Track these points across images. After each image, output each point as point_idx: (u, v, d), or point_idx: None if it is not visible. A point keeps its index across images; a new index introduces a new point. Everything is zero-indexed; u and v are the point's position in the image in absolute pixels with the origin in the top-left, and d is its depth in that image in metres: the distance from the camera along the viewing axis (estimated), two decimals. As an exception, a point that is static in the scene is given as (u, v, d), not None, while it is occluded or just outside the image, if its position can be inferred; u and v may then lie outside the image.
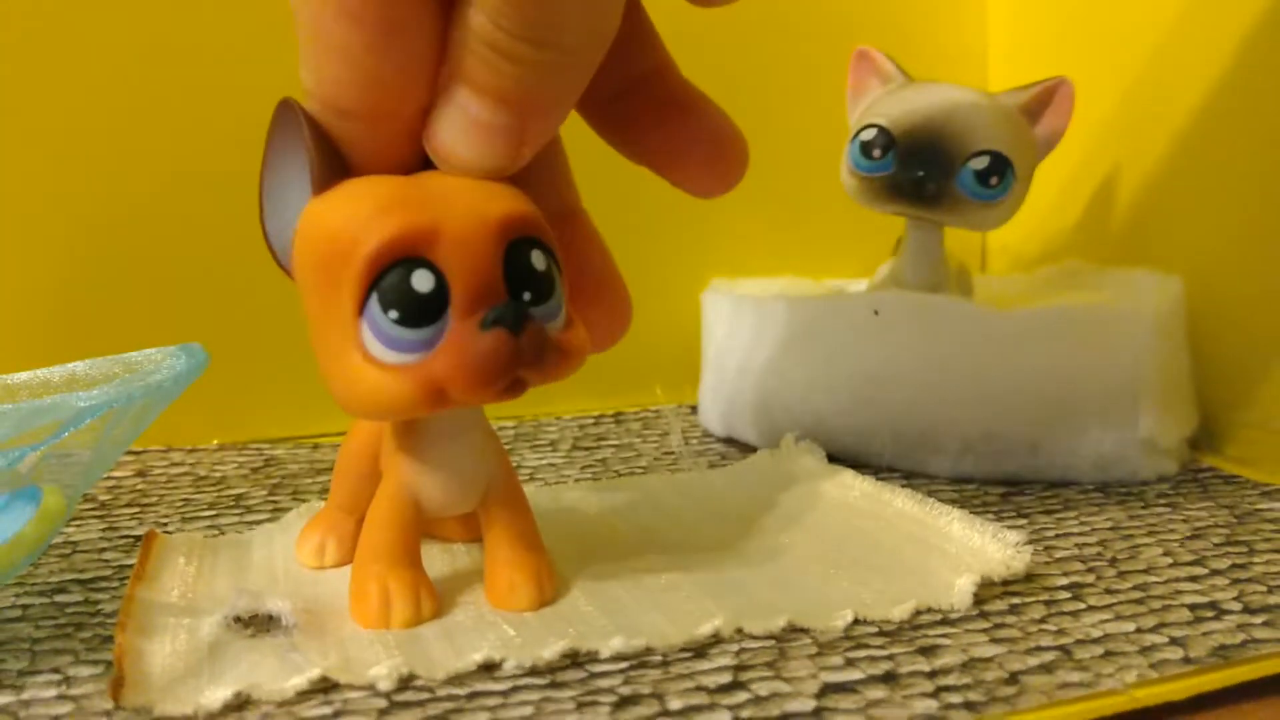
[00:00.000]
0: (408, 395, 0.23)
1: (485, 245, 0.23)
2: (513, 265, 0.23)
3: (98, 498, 0.36)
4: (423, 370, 0.23)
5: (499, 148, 0.24)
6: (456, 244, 0.23)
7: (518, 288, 0.24)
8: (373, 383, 0.23)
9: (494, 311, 0.23)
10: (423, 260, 0.23)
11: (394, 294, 0.23)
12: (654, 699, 0.23)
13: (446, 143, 0.24)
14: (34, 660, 0.24)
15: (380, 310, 0.23)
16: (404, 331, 0.23)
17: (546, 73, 0.23)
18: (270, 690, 0.22)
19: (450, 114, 0.24)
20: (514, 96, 0.23)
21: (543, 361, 0.23)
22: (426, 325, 0.23)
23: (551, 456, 0.41)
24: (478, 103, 0.23)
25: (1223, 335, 0.40)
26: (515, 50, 0.23)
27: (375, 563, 0.26)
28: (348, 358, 0.23)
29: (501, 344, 0.22)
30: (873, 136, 0.38)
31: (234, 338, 0.42)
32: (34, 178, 0.41)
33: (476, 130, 0.24)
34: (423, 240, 0.23)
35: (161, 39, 0.42)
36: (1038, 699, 0.23)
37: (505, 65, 0.23)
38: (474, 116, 0.23)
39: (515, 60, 0.23)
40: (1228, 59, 0.40)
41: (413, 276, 0.23)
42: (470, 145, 0.24)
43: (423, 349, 0.23)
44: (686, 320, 0.47)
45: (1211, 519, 0.33)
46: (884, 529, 0.32)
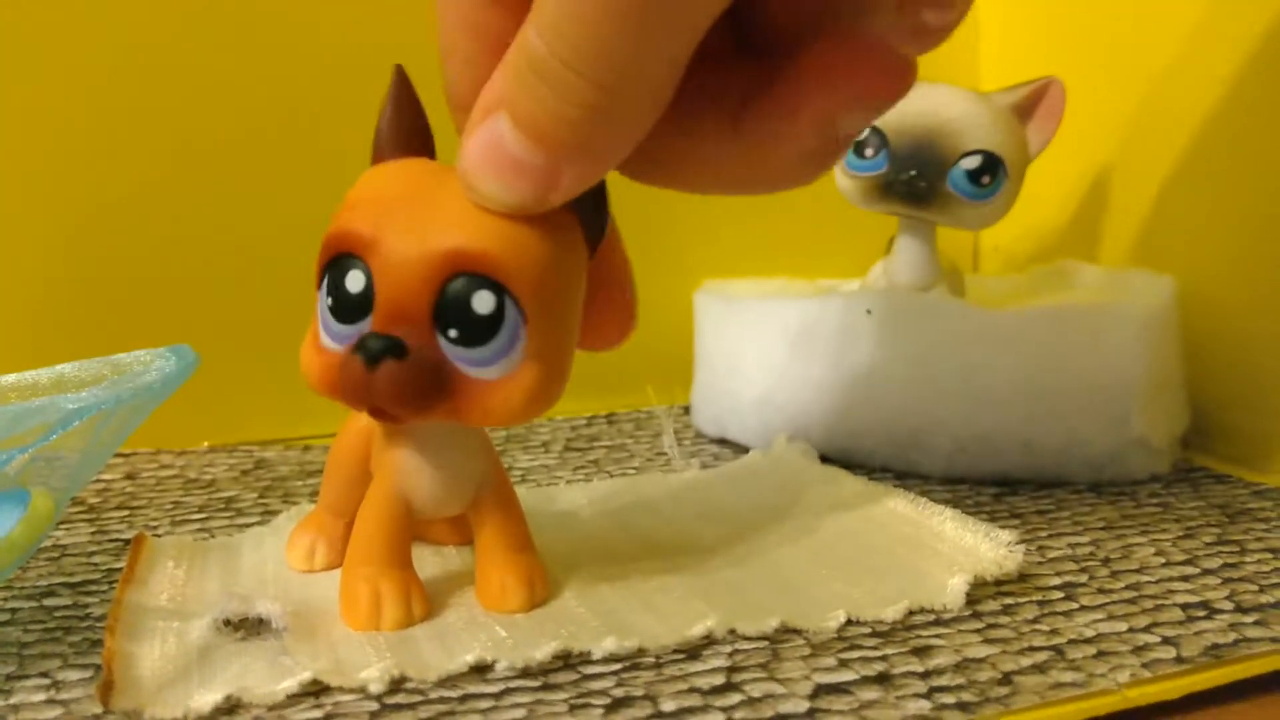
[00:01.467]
0: (316, 379, 0.24)
1: (414, 272, 0.23)
2: (448, 300, 0.23)
3: (87, 501, 0.36)
4: (330, 361, 0.24)
5: (525, 189, 0.22)
6: (388, 258, 0.23)
7: (445, 323, 0.23)
8: (309, 360, 0.25)
9: (367, 339, 0.23)
10: (360, 261, 0.23)
11: (333, 284, 0.24)
12: (647, 700, 0.22)
13: (472, 169, 0.22)
14: (22, 664, 0.24)
15: (325, 293, 0.24)
16: (333, 321, 0.24)
17: (593, 116, 0.21)
18: (260, 694, 0.22)
19: (485, 139, 0.22)
20: (552, 136, 0.21)
21: (403, 402, 0.23)
22: (350, 323, 0.24)
23: (544, 458, 0.41)
24: (514, 135, 0.22)
25: (1215, 334, 0.40)
26: (565, 82, 0.20)
27: (366, 564, 0.26)
28: (311, 331, 0.25)
29: (353, 372, 0.23)
30: (865, 136, 0.38)
31: (224, 339, 0.42)
32: (22, 179, 0.41)
33: (506, 166, 0.22)
34: (364, 244, 0.23)
35: (149, 40, 0.42)
36: (1031, 699, 0.23)
37: (551, 99, 0.21)
38: (507, 149, 0.22)
39: (563, 95, 0.20)
40: (1220, 58, 0.41)
41: (349, 274, 0.24)
42: (495, 181, 0.22)
43: (341, 342, 0.24)
44: (679, 321, 0.47)
45: (1204, 518, 0.33)
46: (876, 529, 0.32)
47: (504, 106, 0.22)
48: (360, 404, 0.24)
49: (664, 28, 0.20)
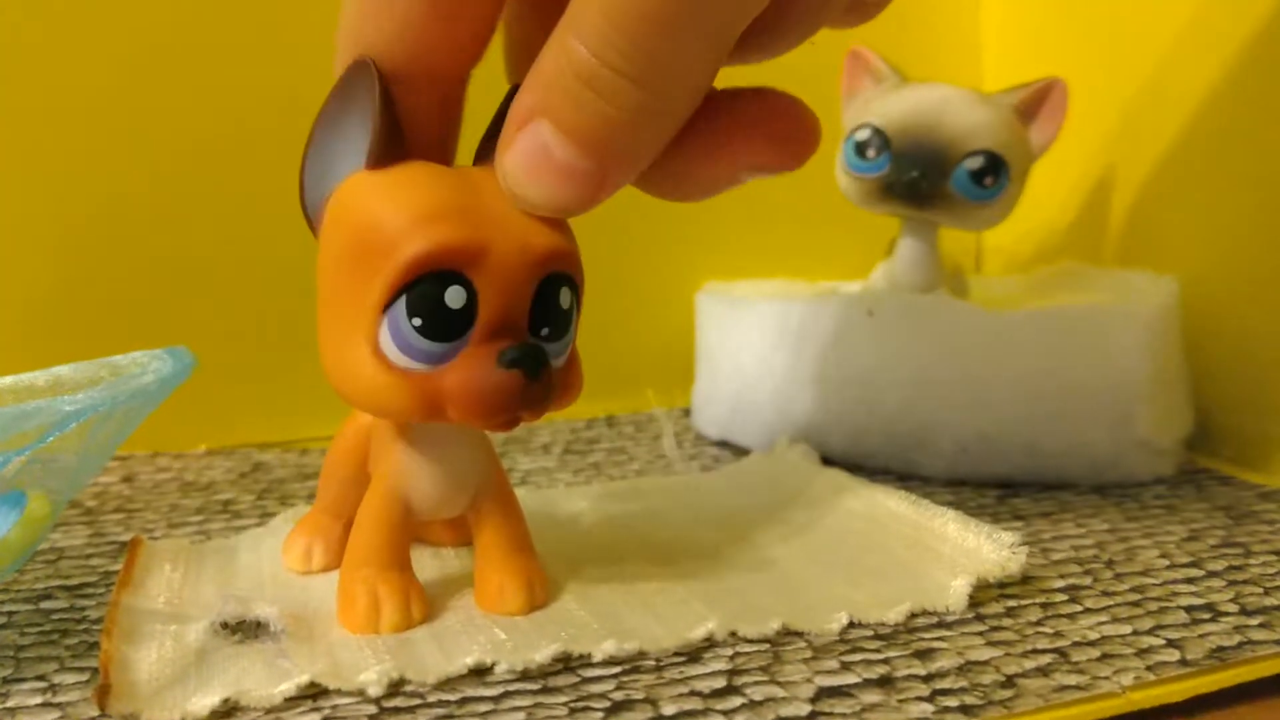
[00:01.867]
0: (406, 403, 0.23)
1: (523, 276, 0.23)
2: (541, 299, 0.23)
3: (84, 503, 0.36)
4: (429, 383, 0.23)
5: (575, 193, 0.23)
6: (498, 270, 0.23)
7: (539, 322, 0.23)
8: (374, 380, 0.23)
9: (517, 351, 0.23)
10: (461, 277, 0.22)
11: (424, 303, 0.22)
12: (647, 704, 0.22)
13: (519, 179, 0.23)
14: (19, 667, 0.24)
15: (405, 314, 0.22)
16: (423, 341, 0.23)
17: (640, 119, 0.22)
18: (258, 696, 0.22)
19: (527, 148, 0.22)
20: (601, 141, 0.22)
21: (548, 404, 0.24)
22: (448, 340, 0.23)
23: (544, 460, 0.41)
24: (560, 142, 0.22)
25: (1219, 336, 0.40)
26: (614, 88, 0.21)
27: (364, 566, 0.25)
28: (356, 348, 0.23)
29: (516, 385, 0.23)
30: (867, 137, 0.38)
31: (221, 341, 0.42)
32: (18, 181, 0.41)
33: (554, 172, 0.22)
34: (467, 258, 0.22)
35: (148, 42, 0.42)
36: (1034, 702, 0.23)
37: (599, 105, 0.21)
38: (553, 156, 0.22)
39: (611, 100, 0.21)
40: (1223, 59, 0.40)
41: (447, 291, 0.22)
42: (545, 187, 0.22)
43: (435, 361, 0.23)
44: (680, 323, 0.47)
45: (1208, 521, 0.33)
46: (878, 531, 0.31)
47: (545, 116, 0.22)
48: (505, 416, 0.23)
49: (708, 31, 0.21)
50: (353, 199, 0.23)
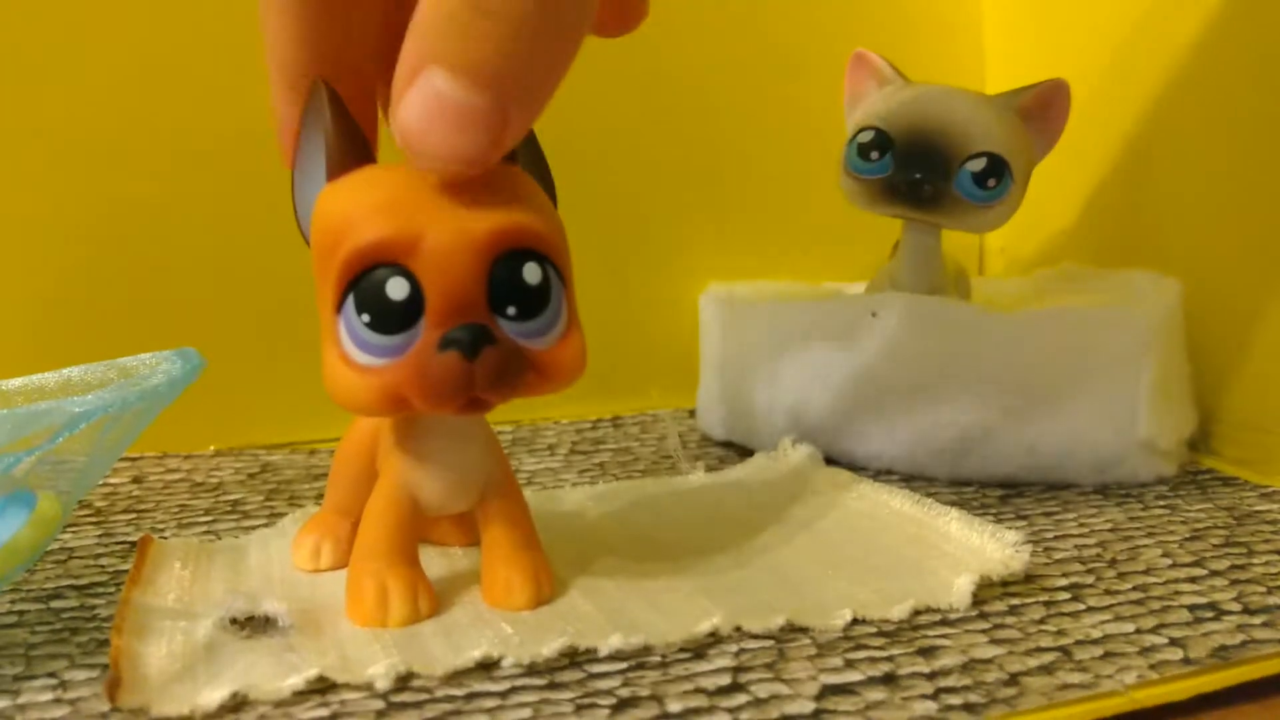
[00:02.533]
0: (371, 399, 0.23)
1: (465, 259, 0.23)
2: (500, 279, 0.23)
3: (93, 504, 0.36)
4: (387, 376, 0.23)
5: (477, 135, 0.21)
6: (436, 256, 0.23)
7: (502, 302, 0.23)
8: (342, 379, 0.23)
9: (452, 332, 0.23)
10: (400, 268, 0.23)
11: (368, 298, 0.23)
12: (653, 701, 0.22)
13: (415, 130, 0.21)
14: (30, 665, 0.24)
15: (355, 311, 0.23)
16: (374, 336, 0.23)
17: (535, 37, 0.21)
18: (267, 690, 0.22)
19: (419, 97, 0.21)
20: (493, 69, 0.21)
21: (505, 383, 0.23)
22: (397, 332, 0.23)
23: (549, 460, 0.41)
24: (451, 80, 0.21)
25: (1221, 337, 0.40)
26: (509, 2, 0.20)
27: (372, 560, 0.26)
28: (329, 350, 0.24)
29: (454, 367, 0.23)
30: (870, 139, 0.38)
31: (230, 343, 0.42)
32: (29, 182, 0.41)
33: (450, 114, 0.21)
34: (401, 249, 0.23)
35: (157, 44, 0.42)
36: (1038, 700, 0.23)
37: (489, 26, 0.20)
38: (447, 97, 0.21)
39: (501, 15, 0.20)
40: (1225, 61, 0.41)
41: (388, 283, 0.23)
42: (444, 132, 0.21)
43: (391, 354, 0.23)
44: (684, 324, 0.47)
45: (1210, 520, 0.33)
46: (882, 529, 0.32)
47: (432, 60, 0.21)
48: (456, 399, 0.23)
49: None
50: (318, 210, 0.24)
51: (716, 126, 0.50)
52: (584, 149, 0.43)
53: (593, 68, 0.40)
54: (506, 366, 0.23)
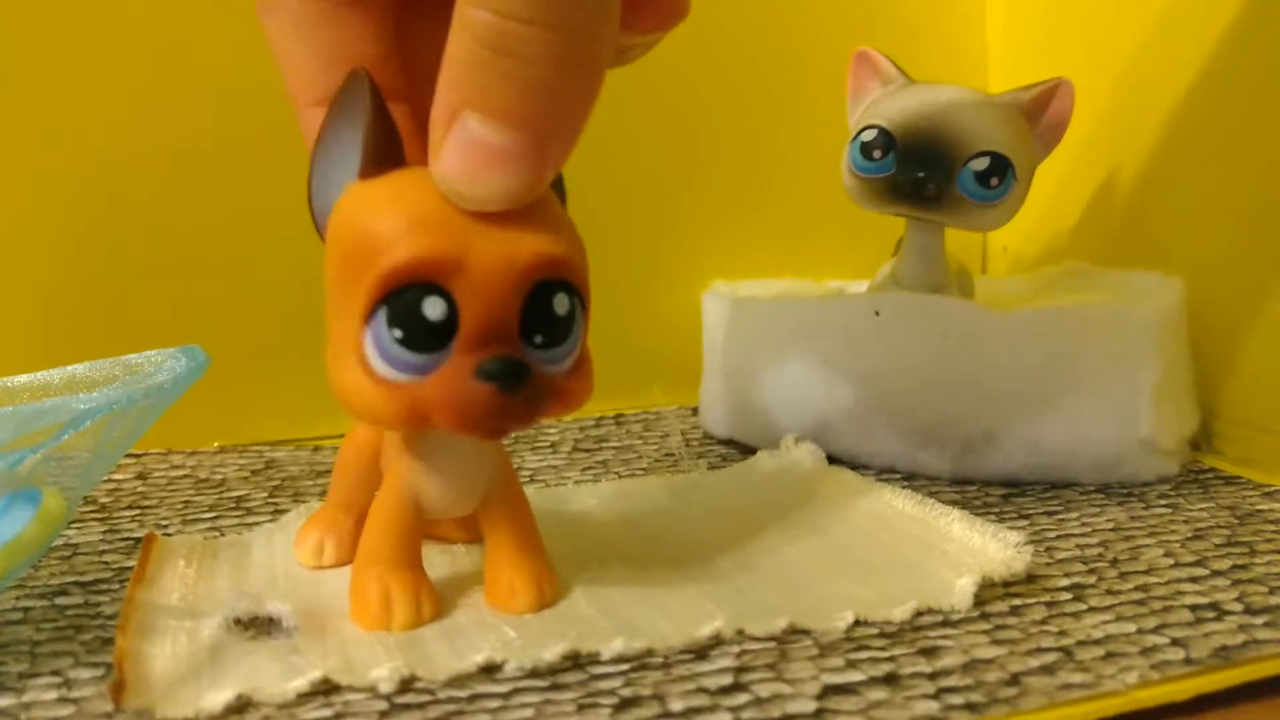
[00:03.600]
0: (392, 413, 0.23)
1: (506, 285, 0.22)
2: (532, 307, 0.23)
3: (98, 500, 0.36)
4: (412, 393, 0.23)
5: (518, 178, 0.22)
6: (477, 279, 0.22)
7: (531, 330, 0.23)
8: (362, 389, 0.23)
9: (492, 364, 0.22)
10: (439, 288, 0.22)
11: (403, 315, 0.22)
12: (655, 700, 0.23)
13: (457, 178, 0.22)
14: (34, 663, 0.24)
15: (386, 326, 0.22)
16: (404, 352, 0.23)
17: (562, 69, 0.21)
18: (271, 692, 0.22)
19: (456, 144, 0.22)
20: (529, 110, 0.21)
21: (535, 415, 0.23)
22: (429, 351, 0.23)
23: (552, 458, 0.41)
24: (487, 126, 0.21)
25: (1224, 336, 0.40)
26: (526, 38, 0.20)
27: (376, 564, 0.26)
28: (347, 356, 0.23)
29: (491, 398, 0.22)
30: (873, 137, 0.38)
31: (234, 340, 0.42)
32: (34, 179, 0.41)
33: (490, 158, 0.21)
34: (444, 269, 0.22)
35: (161, 39, 0.42)
36: (1039, 700, 0.23)
37: (516, 68, 0.21)
38: (484, 141, 0.21)
39: (527, 55, 0.21)
40: (1228, 59, 0.40)
41: (425, 302, 0.22)
42: (485, 177, 0.22)
43: (418, 372, 0.23)
44: (687, 322, 0.47)
45: (1213, 520, 0.33)
46: (884, 529, 0.32)
47: (466, 106, 0.21)
48: (487, 429, 0.23)
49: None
50: (345, 210, 0.23)
51: (719, 124, 0.50)
52: (586, 146, 0.43)
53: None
54: (538, 402, 0.23)
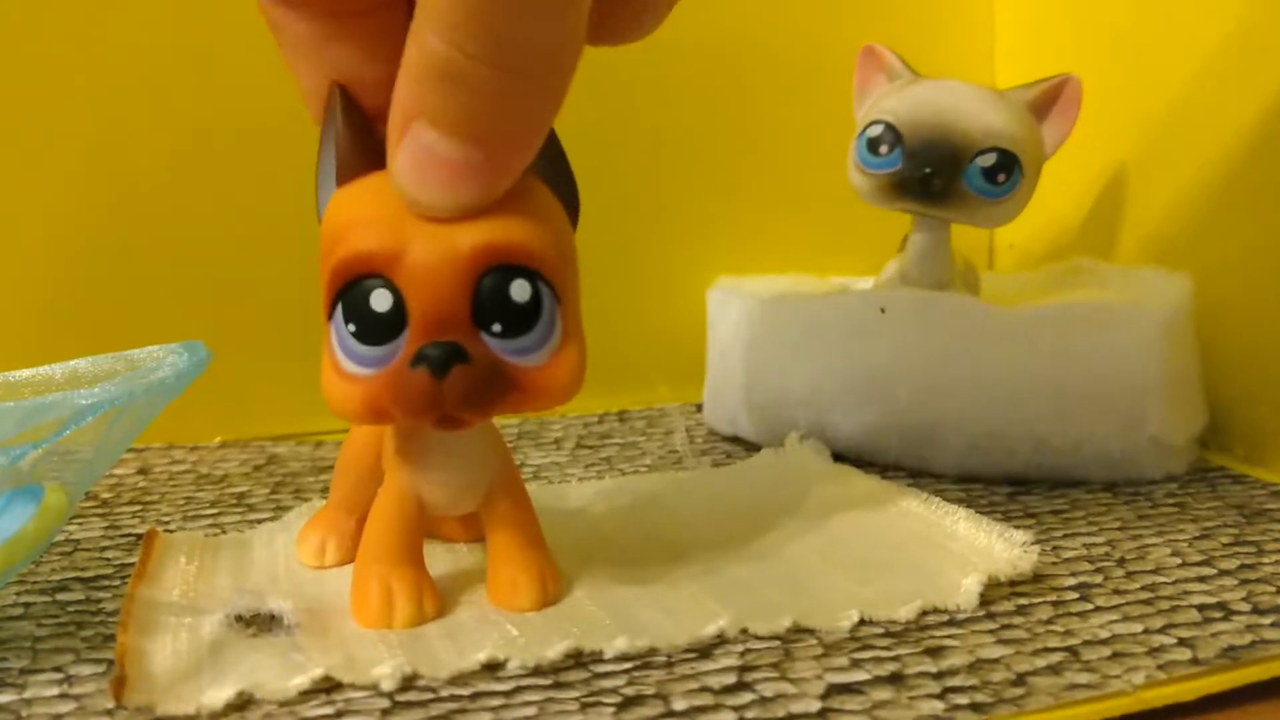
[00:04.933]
0: (356, 407, 0.23)
1: (447, 275, 0.23)
2: (486, 295, 0.23)
3: (99, 495, 0.36)
4: (369, 386, 0.23)
5: (471, 188, 0.22)
6: (418, 270, 0.22)
7: (487, 318, 0.23)
8: (334, 386, 0.24)
9: (425, 349, 0.22)
10: (385, 280, 0.23)
11: (354, 308, 0.23)
12: (658, 699, 0.22)
13: (409, 183, 0.22)
14: (36, 659, 0.24)
15: (343, 320, 0.23)
16: (359, 346, 0.23)
17: (512, 100, 0.21)
18: (273, 690, 0.22)
19: (411, 150, 0.22)
20: (479, 128, 0.21)
21: (477, 403, 0.23)
22: (381, 344, 0.23)
23: (555, 455, 0.41)
24: (438, 138, 0.21)
25: (1232, 333, 0.40)
26: (476, 75, 0.20)
27: (378, 562, 0.26)
28: (325, 355, 0.24)
29: (423, 385, 0.22)
30: (879, 133, 0.38)
31: (236, 335, 0.42)
32: (35, 174, 0.41)
33: (440, 168, 0.22)
34: (384, 261, 0.23)
35: (162, 34, 0.42)
36: (1045, 700, 0.23)
37: (468, 98, 0.21)
38: (436, 153, 0.22)
39: (477, 88, 0.21)
40: (1236, 55, 0.40)
41: (372, 295, 0.23)
42: (435, 186, 0.22)
43: (375, 365, 0.23)
44: (691, 318, 0.47)
45: (1220, 519, 0.33)
46: (889, 528, 0.32)
47: (422, 115, 0.21)
48: (427, 415, 0.23)
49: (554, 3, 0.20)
50: (324, 215, 0.24)
51: (724, 120, 0.50)
52: (591, 142, 0.42)
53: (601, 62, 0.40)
54: (477, 386, 0.23)
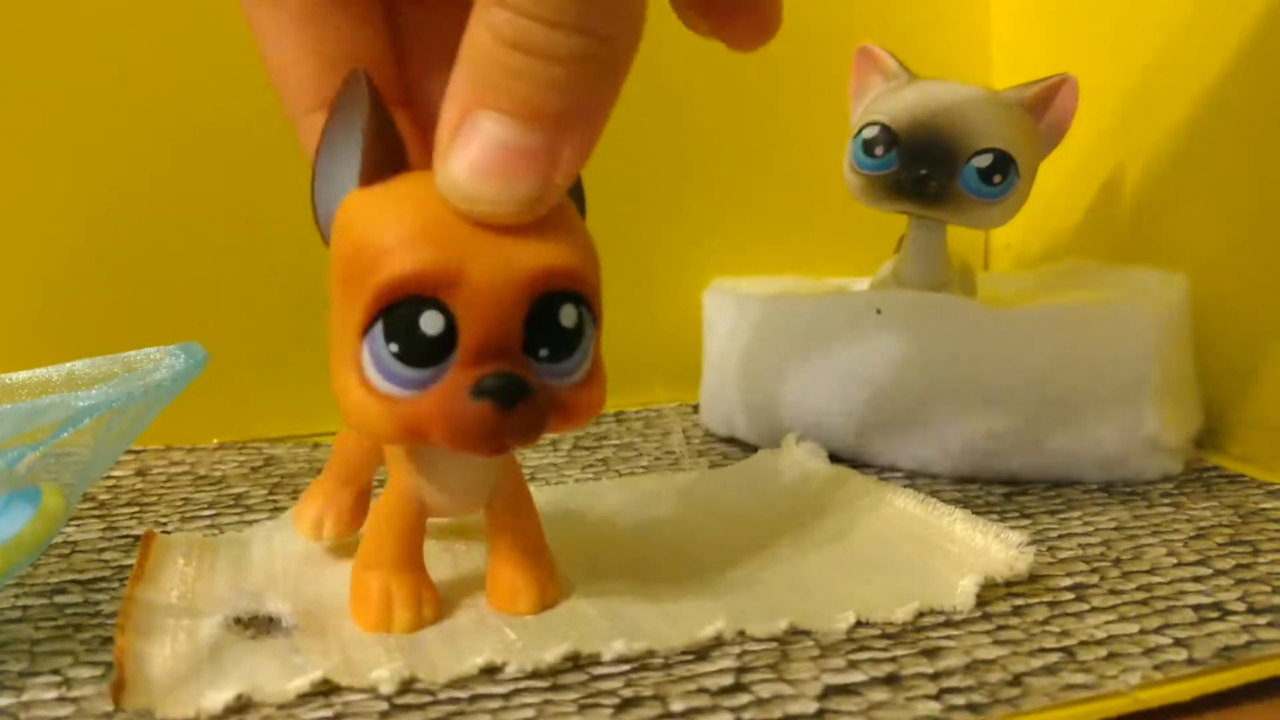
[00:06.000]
0: (389, 429, 0.22)
1: (507, 299, 0.21)
2: (537, 320, 0.22)
3: (97, 497, 0.36)
4: (409, 408, 0.22)
5: (534, 177, 0.21)
6: (476, 293, 0.21)
7: (537, 344, 0.22)
8: (359, 403, 0.22)
9: (489, 381, 0.21)
10: (437, 302, 0.21)
11: (400, 329, 0.22)
12: (656, 701, 0.22)
13: (466, 180, 0.21)
14: (34, 662, 0.24)
15: (383, 340, 0.22)
16: (401, 367, 0.22)
17: (586, 70, 0.20)
18: (271, 692, 0.22)
19: (469, 144, 0.21)
20: (549, 109, 0.20)
21: (534, 435, 0.22)
22: (427, 366, 0.22)
23: (552, 456, 0.41)
24: (506, 126, 0.20)
25: (1227, 333, 0.40)
26: (551, 41, 0.20)
27: (377, 565, 0.26)
28: (345, 366, 0.23)
29: (487, 418, 0.21)
30: (875, 134, 0.38)
31: (233, 336, 0.42)
32: (32, 176, 0.41)
33: (502, 158, 0.21)
34: (442, 283, 0.21)
35: (159, 36, 0.42)
36: (1041, 701, 0.23)
37: (539, 66, 0.20)
38: (498, 141, 0.20)
39: (551, 56, 0.20)
40: (1233, 55, 0.40)
41: (422, 316, 0.21)
42: (500, 178, 0.21)
43: (416, 387, 0.22)
44: (688, 319, 0.47)
45: (1216, 519, 0.33)
46: (886, 529, 0.32)
47: (481, 106, 0.21)
48: (484, 447, 0.22)
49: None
50: (345, 219, 0.23)
51: (720, 121, 0.50)
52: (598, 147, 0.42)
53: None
54: (538, 420, 0.22)
